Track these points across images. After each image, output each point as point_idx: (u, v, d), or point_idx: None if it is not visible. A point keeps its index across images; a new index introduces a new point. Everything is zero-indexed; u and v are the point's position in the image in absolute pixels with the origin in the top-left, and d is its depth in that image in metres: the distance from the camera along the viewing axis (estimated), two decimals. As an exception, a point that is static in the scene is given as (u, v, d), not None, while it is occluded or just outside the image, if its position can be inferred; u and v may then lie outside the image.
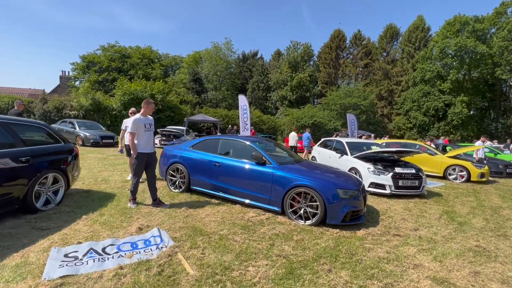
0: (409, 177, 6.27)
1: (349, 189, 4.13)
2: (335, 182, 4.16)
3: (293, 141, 14.36)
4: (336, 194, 4.01)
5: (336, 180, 4.27)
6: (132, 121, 4.37)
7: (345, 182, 4.31)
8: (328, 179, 4.25)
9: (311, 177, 4.22)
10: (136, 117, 4.40)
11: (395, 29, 39.71)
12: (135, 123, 4.32)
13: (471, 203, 6.18)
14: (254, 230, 3.79)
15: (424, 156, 9.60)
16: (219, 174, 5.05)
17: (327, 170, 4.97)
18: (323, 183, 4.10)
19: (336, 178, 4.37)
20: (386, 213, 5.08)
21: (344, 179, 4.43)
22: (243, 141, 5.11)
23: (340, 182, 4.24)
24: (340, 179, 4.40)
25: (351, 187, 4.19)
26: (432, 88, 31.92)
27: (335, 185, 4.08)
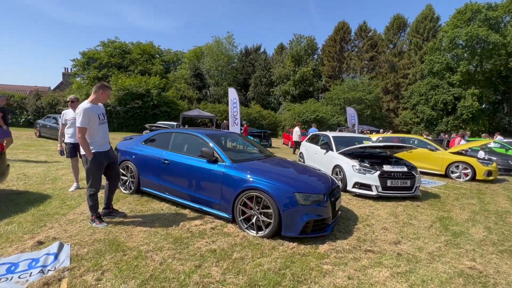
0: (400, 176, 5.40)
1: (311, 193, 3.33)
2: (293, 185, 3.36)
3: (296, 136, 13.56)
4: (293, 199, 3.21)
5: (296, 182, 3.46)
6: (80, 112, 3.22)
7: (308, 184, 3.50)
8: (286, 180, 3.44)
9: (266, 178, 3.43)
10: (86, 106, 3.27)
11: (403, 19, 38.01)
12: (86, 114, 3.24)
13: (473, 207, 5.28)
14: (187, 244, 3.04)
15: (423, 152, 8.65)
16: (168, 174, 4.31)
17: (295, 170, 4.17)
18: (277, 185, 3.30)
19: (297, 180, 3.56)
20: (366, 219, 4.25)
21: (307, 181, 3.62)
22: (197, 135, 4.35)
23: (300, 184, 3.44)
24: (303, 181, 3.59)
25: (314, 191, 3.39)
26: (440, 81, 30.36)
27: (292, 188, 3.28)
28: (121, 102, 22.89)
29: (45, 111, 20.48)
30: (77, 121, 3.25)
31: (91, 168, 3.39)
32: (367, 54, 38.89)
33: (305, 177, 3.80)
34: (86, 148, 3.31)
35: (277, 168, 4.03)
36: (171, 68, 46.84)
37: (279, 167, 4.10)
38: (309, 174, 4.01)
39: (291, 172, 3.94)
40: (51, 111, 20.55)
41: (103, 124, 3.57)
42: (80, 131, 3.24)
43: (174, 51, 49.85)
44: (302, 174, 3.94)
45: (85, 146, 3.30)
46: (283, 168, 4.10)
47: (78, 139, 3.28)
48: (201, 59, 44.19)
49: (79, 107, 3.31)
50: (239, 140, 5.39)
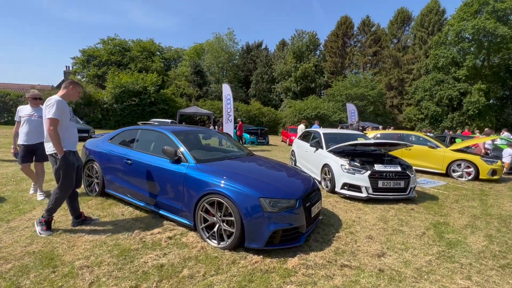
0: (392, 176, 4.91)
1: (280, 199, 2.88)
2: (260, 188, 2.90)
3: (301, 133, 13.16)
4: (258, 205, 2.77)
5: (264, 186, 3.01)
6: (54, 102, 2.90)
7: (278, 188, 3.04)
8: (252, 183, 2.99)
9: (230, 180, 2.99)
10: (58, 99, 2.98)
11: (407, 13, 37.01)
12: (59, 105, 2.93)
13: (473, 210, 4.77)
14: (133, 258, 2.63)
15: (423, 149, 8.11)
16: (130, 175, 3.91)
17: (269, 170, 3.73)
18: (240, 189, 2.86)
19: (266, 183, 3.10)
20: (351, 226, 3.79)
21: (279, 184, 3.16)
22: (162, 132, 3.92)
23: (268, 188, 2.98)
24: (273, 184, 3.13)
25: (284, 196, 2.94)
26: (446, 76, 29.44)
27: (258, 193, 2.83)
28: (118, 100, 22.61)
29: (41, 109, 20.29)
30: (49, 113, 2.90)
31: (61, 168, 3.03)
32: (370, 49, 38.00)
33: (277, 179, 3.35)
34: (57, 144, 2.95)
35: (248, 168, 3.59)
36: (172, 66, 46.57)
37: (251, 168, 3.66)
38: (284, 175, 3.56)
39: (263, 173, 3.50)
40: (47, 109, 20.35)
41: (73, 122, 3.30)
42: (52, 123, 2.90)
43: (175, 48, 49.57)
44: (275, 175, 3.50)
45: (56, 140, 2.94)
46: (255, 168, 3.66)
47: (49, 132, 2.93)
48: (201, 56, 43.79)
49: (50, 98, 2.99)
50: (217, 137, 4.96)
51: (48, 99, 3.00)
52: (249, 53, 47.19)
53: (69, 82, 3.24)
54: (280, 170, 3.77)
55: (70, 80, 3.28)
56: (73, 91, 3.21)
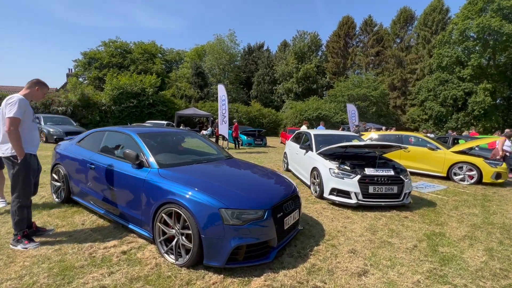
0: (384, 181, 4.51)
1: (244, 209, 2.52)
2: (222, 197, 2.55)
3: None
4: (218, 217, 2.42)
5: (226, 194, 2.65)
6: (16, 101, 2.69)
7: (242, 197, 2.68)
8: (214, 191, 2.64)
9: (190, 187, 2.64)
10: (21, 97, 2.76)
11: (410, 12, 36.44)
12: (22, 104, 2.73)
13: (474, 219, 4.35)
14: (73, 278, 2.30)
15: (422, 151, 7.68)
16: (93, 180, 3.59)
17: (241, 176, 3.38)
18: (199, 198, 2.51)
19: (230, 191, 2.74)
20: (334, 237, 3.42)
21: (246, 192, 2.79)
22: (128, 133, 3.59)
23: (231, 197, 2.62)
24: (239, 192, 2.77)
25: (249, 206, 2.58)
26: (450, 76, 28.78)
27: (218, 203, 2.48)
28: (116, 102, 22.47)
29: (39, 111, 20.22)
30: (9, 112, 2.67)
31: (20, 172, 2.77)
32: (373, 49, 37.47)
33: (248, 186, 2.99)
34: (18, 145, 2.71)
35: (218, 174, 3.24)
36: (174, 67, 46.57)
37: (221, 173, 3.30)
38: (258, 182, 3.21)
39: (233, 179, 3.14)
40: (45, 111, 20.28)
41: (35, 124, 3.07)
42: (13, 123, 2.66)
43: (177, 50, 49.62)
44: (247, 182, 3.14)
45: (16, 141, 2.70)
46: (225, 174, 3.31)
47: (9, 132, 2.67)
48: (203, 57, 43.71)
49: (12, 96, 2.76)
50: (195, 139, 4.62)
51: (10, 97, 2.76)
52: (251, 54, 47.06)
53: (35, 82, 3.00)
54: (254, 176, 3.42)
55: (36, 80, 3.02)
56: (39, 92, 3.02)
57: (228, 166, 3.62)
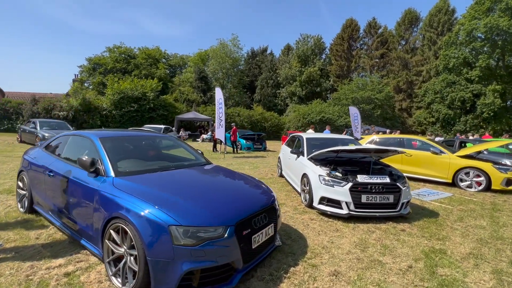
0: (379, 189, 4.06)
1: (200, 226, 2.14)
2: (173, 212, 2.17)
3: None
4: (166, 236, 2.05)
5: (183, 208, 2.27)
6: None
7: (200, 211, 2.28)
8: (168, 204, 2.26)
9: (142, 200, 2.28)
10: None
11: (415, 14, 35.86)
12: None
13: (481, 232, 3.86)
14: (-8, 308, 1.95)
15: (425, 155, 7.18)
16: (50, 189, 3.27)
17: (210, 185, 3.00)
18: (147, 212, 2.15)
19: (188, 203, 2.35)
20: (317, 255, 3.00)
21: (205, 205, 2.39)
22: (89, 137, 3.26)
23: (187, 211, 2.24)
24: (199, 204, 2.38)
25: (207, 222, 2.19)
26: (457, 77, 28.03)
27: (168, 218, 2.10)
28: (117, 106, 22.46)
29: (40, 116, 20.31)
30: None
31: None
32: (377, 51, 36.93)
33: (212, 197, 2.60)
34: None
35: (180, 183, 2.85)
36: (178, 72, 46.80)
37: (187, 182, 2.92)
38: (226, 192, 2.81)
39: (197, 189, 2.75)
40: (46, 116, 20.35)
41: None
42: None
43: (181, 55, 49.93)
44: (213, 191, 2.75)
45: None
46: (192, 183, 2.92)
47: None
48: (206, 62, 43.79)
49: None
50: (171, 144, 4.26)
51: None
52: (254, 58, 47.03)
53: None
54: (225, 185, 3.03)
55: None
56: None
57: (199, 174, 3.25)
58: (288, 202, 5.00)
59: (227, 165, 9.58)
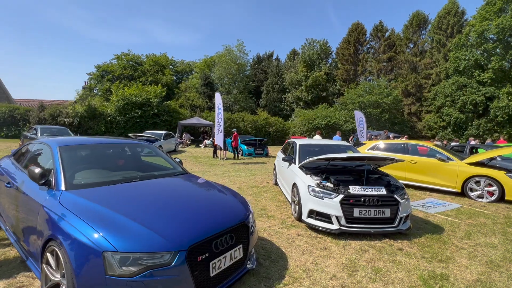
0: (373, 202, 3.64)
1: (142, 252, 1.80)
2: (115, 233, 1.85)
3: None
4: (99, 263, 1.72)
5: (125, 227, 1.94)
6: None
7: (145, 233, 1.94)
8: (108, 222, 1.94)
9: (79, 217, 1.97)
10: None
11: (423, 16, 35.09)
12: None
13: (491, 252, 3.38)
14: None
15: (432, 162, 6.67)
16: (7, 201, 3.02)
17: (174, 198, 2.67)
18: (79, 234, 1.83)
19: (130, 222, 2.01)
20: (296, 280, 2.61)
21: (155, 224, 2.06)
22: (48, 145, 3.01)
23: (132, 232, 1.91)
24: (148, 223, 2.04)
25: (152, 247, 1.85)
26: (469, 80, 27.06)
27: (104, 242, 1.78)
28: (121, 112, 22.59)
29: (47, 122, 20.61)
30: None
31: None
32: (385, 55, 36.23)
33: (167, 214, 2.25)
34: None
35: (137, 198, 2.51)
36: (184, 78, 47.23)
37: (144, 196, 2.57)
38: (186, 208, 2.44)
39: (153, 204, 2.39)
40: (52, 123, 20.62)
41: None
42: None
43: (187, 62, 50.48)
44: (171, 207, 2.40)
45: None
46: (149, 197, 2.58)
47: None
48: (212, 68, 44.03)
49: None
50: (146, 152, 3.96)
51: None
52: (260, 63, 47.10)
53: None
54: (190, 200, 2.68)
55: None
56: None
57: (164, 186, 2.92)
58: (277, 214, 4.62)
59: (224, 171, 9.26)
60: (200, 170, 9.59)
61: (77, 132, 21.62)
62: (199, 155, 14.53)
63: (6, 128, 20.36)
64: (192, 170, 9.35)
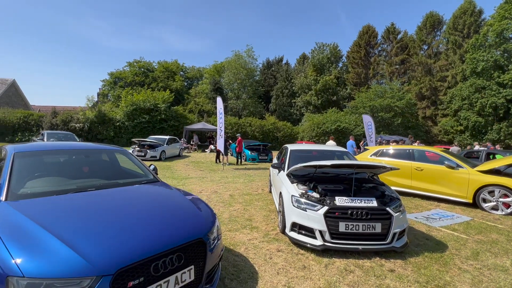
0: (362, 215, 3.24)
1: (53, 278, 1.54)
2: (29, 253, 1.60)
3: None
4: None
5: (44, 246, 1.68)
6: None
7: (65, 254, 1.67)
8: (24, 239, 1.69)
9: (3, 235, 1.74)
10: None
11: (437, 17, 33.90)
12: None
13: (501, 277, 2.89)
14: None
15: (439, 170, 6.13)
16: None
17: (125, 210, 2.40)
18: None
19: (51, 240, 1.76)
20: (261, 306, 2.27)
21: (87, 243, 1.79)
22: (6, 151, 2.84)
23: (50, 252, 1.65)
24: (78, 242, 1.78)
25: (66, 271, 1.58)
26: (488, 82, 25.71)
27: (10, 265, 1.53)
28: (130, 117, 22.95)
29: (58, 128, 21.21)
30: None
31: None
32: (397, 57, 35.20)
33: (103, 230, 1.98)
34: None
35: (81, 210, 2.25)
36: (194, 84, 47.83)
37: (90, 208, 2.32)
38: (133, 223, 2.16)
39: (95, 218, 2.13)
40: (64, 128, 21.20)
41: None
42: None
43: (198, 68, 51.14)
44: (113, 222, 2.12)
45: None
46: (94, 209, 2.32)
47: None
48: (222, 73, 44.37)
49: None
50: (114, 158, 3.75)
51: None
52: (270, 68, 47.07)
53: None
54: (139, 212, 2.39)
55: None
56: None
57: (120, 196, 2.65)
58: (262, 226, 4.28)
59: (222, 177, 9.00)
60: (197, 175, 9.37)
61: (87, 137, 22.15)
62: (202, 160, 14.37)
63: (21, 133, 21.08)
64: (190, 176, 9.15)
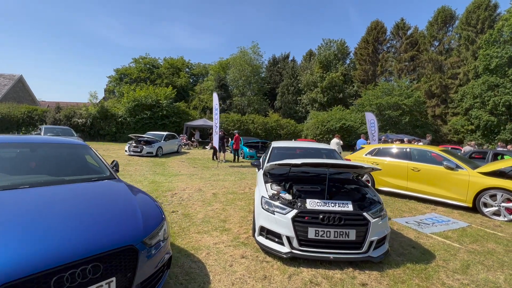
0: (334, 220, 2.89)
1: None
2: None
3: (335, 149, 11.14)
4: None
5: None
6: None
7: None
8: None
9: None
10: None
11: (449, 12, 32.62)
12: None
13: (491, 296, 2.50)
14: None
15: (436, 171, 5.67)
16: None
17: (57, 211, 2.12)
18: None
19: None
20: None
21: None
22: None
23: None
24: None
25: None
26: (501, 79, 24.57)
27: None
28: (132, 113, 22.95)
29: (61, 123, 21.39)
30: None
31: None
32: (406, 54, 34.13)
33: (8, 235, 1.72)
34: None
35: (14, 209, 2.01)
36: (200, 81, 47.76)
37: (12, 208, 2.06)
38: (53, 226, 1.90)
39: (14, 220, 1.88)
40: (67, 123, 21.36)
41: None
42: None
43: (203, 64, 51.00)
44: (36, 224, 1.86)
45: None
46: (19, 209, 2.06)
47: None
48: (227, 70, 44.11)
49: None
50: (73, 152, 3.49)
51: None
52: (276, 65, 46.52)
53: None
54: (68, 212, 2.11)
55: None
56: None
57: (51, 195, 2.36)
58: (235, 228, 3.97)
59: (213, 175, 8.73)
60: (189, 172, 9.13)
61: (89, 132, 22.28)
62: (199, 157, 14.14)
63: (25, 128, 21.35)
64: (180, 173, 8.91)
